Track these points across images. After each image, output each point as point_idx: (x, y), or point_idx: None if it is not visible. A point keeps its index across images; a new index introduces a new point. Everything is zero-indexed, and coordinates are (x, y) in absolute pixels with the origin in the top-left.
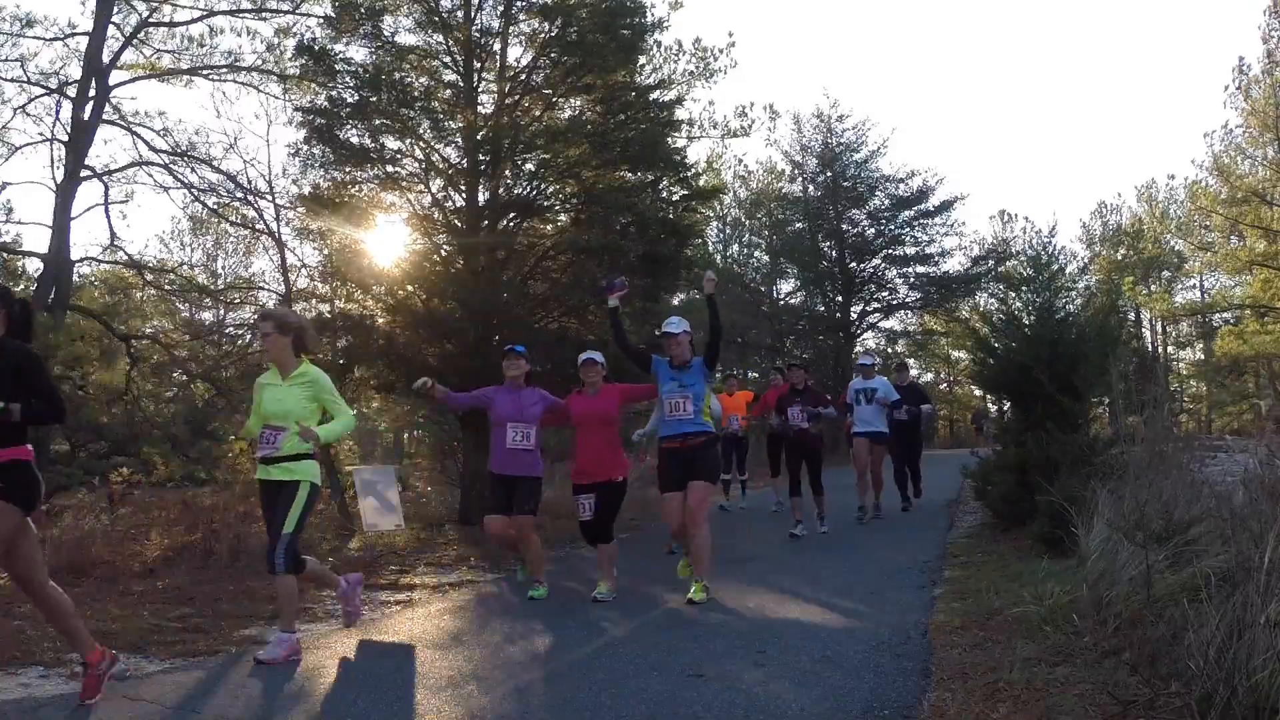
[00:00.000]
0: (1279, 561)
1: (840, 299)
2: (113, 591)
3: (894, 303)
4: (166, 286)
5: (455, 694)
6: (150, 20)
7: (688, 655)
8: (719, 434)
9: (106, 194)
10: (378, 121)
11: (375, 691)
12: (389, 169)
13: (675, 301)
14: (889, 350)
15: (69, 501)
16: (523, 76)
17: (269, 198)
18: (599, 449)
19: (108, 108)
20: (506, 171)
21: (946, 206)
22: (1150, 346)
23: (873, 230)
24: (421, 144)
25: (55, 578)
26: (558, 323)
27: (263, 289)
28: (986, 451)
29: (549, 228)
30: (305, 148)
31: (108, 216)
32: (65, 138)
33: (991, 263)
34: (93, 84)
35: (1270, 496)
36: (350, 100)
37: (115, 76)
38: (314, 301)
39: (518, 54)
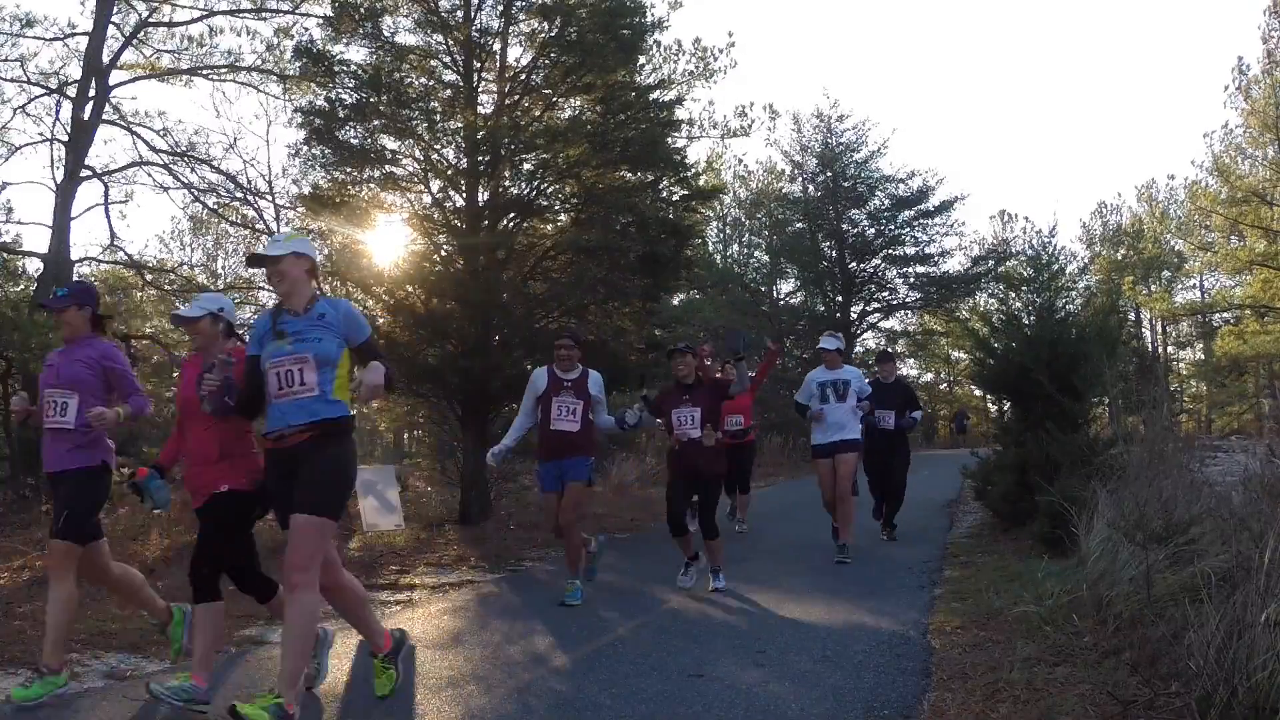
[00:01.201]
0: (1278, 562)
1: (840, 299)
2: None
3: (894, 303)
4: (166, 286)
5: (455, 694)
6: (150, 20)
7: (688, 655)
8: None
9: (106, 194)
10: (377, 122)
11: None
12: (388, 169)
13: (675, 301)
14: (888, 349)
15: None
16: (523, 76)
17: (269, 198)
18: (199, 450)
19: (108, 108)
20: (506, 171)
21: (946, 206)
22: (1150, 346)
23: (873, 230)
24: (421, 144)
25: None
26: (557, 323)
27: (263, 289)
28: (987, 451)
29: (549, 228)
30: (305, 148)
31: (108, 216)
32: (65, 138)
33: (991, 263)
34: (92, 84)
35: (1270, 496)
36: (349, 101)
37: (115, 76)
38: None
39: (517, 54)
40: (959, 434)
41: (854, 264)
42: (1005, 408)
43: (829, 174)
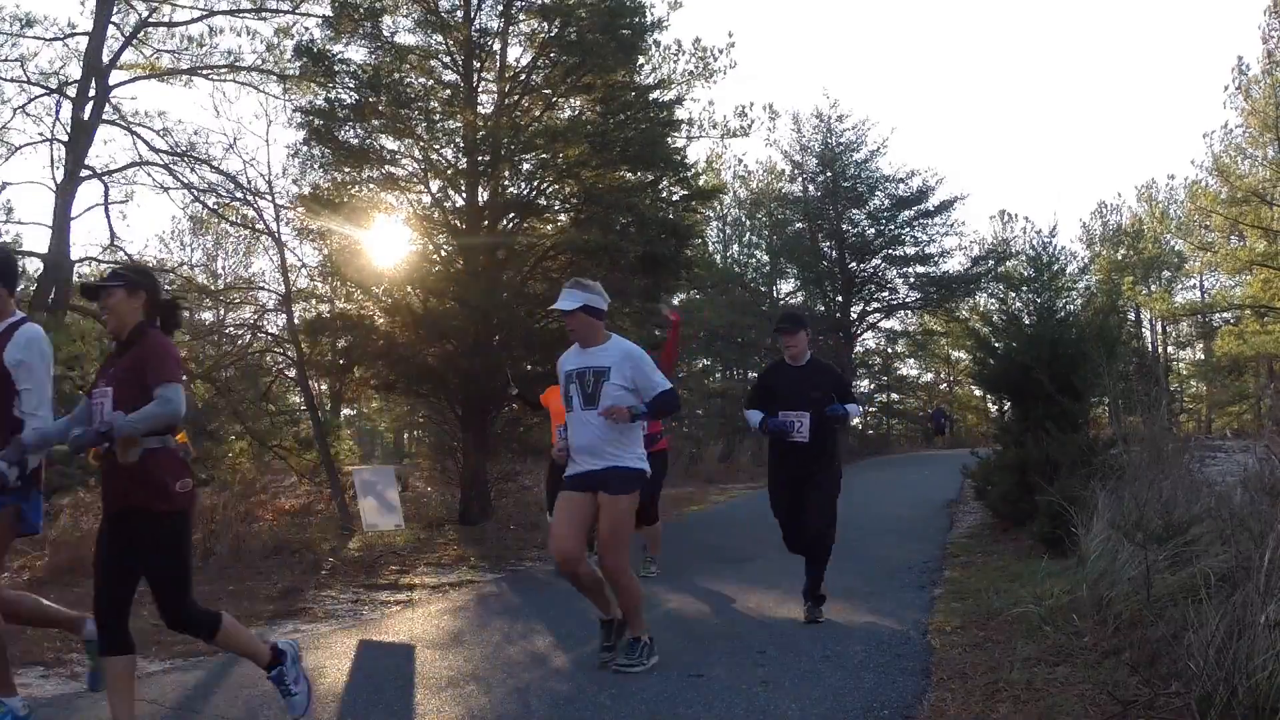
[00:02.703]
0: (1278, 562)
1: (840, 299)
2: None
3: (894, 303)
4: (166, 286)
5: (455, 694)
6: (150, 20)
7: (688, 655)
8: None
9: (106, 194)
10: (376, 122)
11: (375, 691)
12: (388, 169)
13: (675, 301)
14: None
15: (68, 501)
16: (522, 76)
17: (269, 198)
18: None
19: (108, 108)
20: (506, 172)
21: (946, 206)
22: (1150, 346)
23: (872, 230)
24: (420, 144)
25: (56, 578)
26: (557, 323)
27: (263, 289)
28: (987, 451)
29: (549, 228)
30: (305, 148)
31: (108, 216)
32: (65, 138)
33: (991, 263)
34: (92, 84)
35: (1269, 496)
36: (349, 101)
37: (115, 76)
38: (314, 302)
39: (517, 54)
40: (937, 435)
41: (854, 264)
42: (1005, 408)
43: (829, 174)
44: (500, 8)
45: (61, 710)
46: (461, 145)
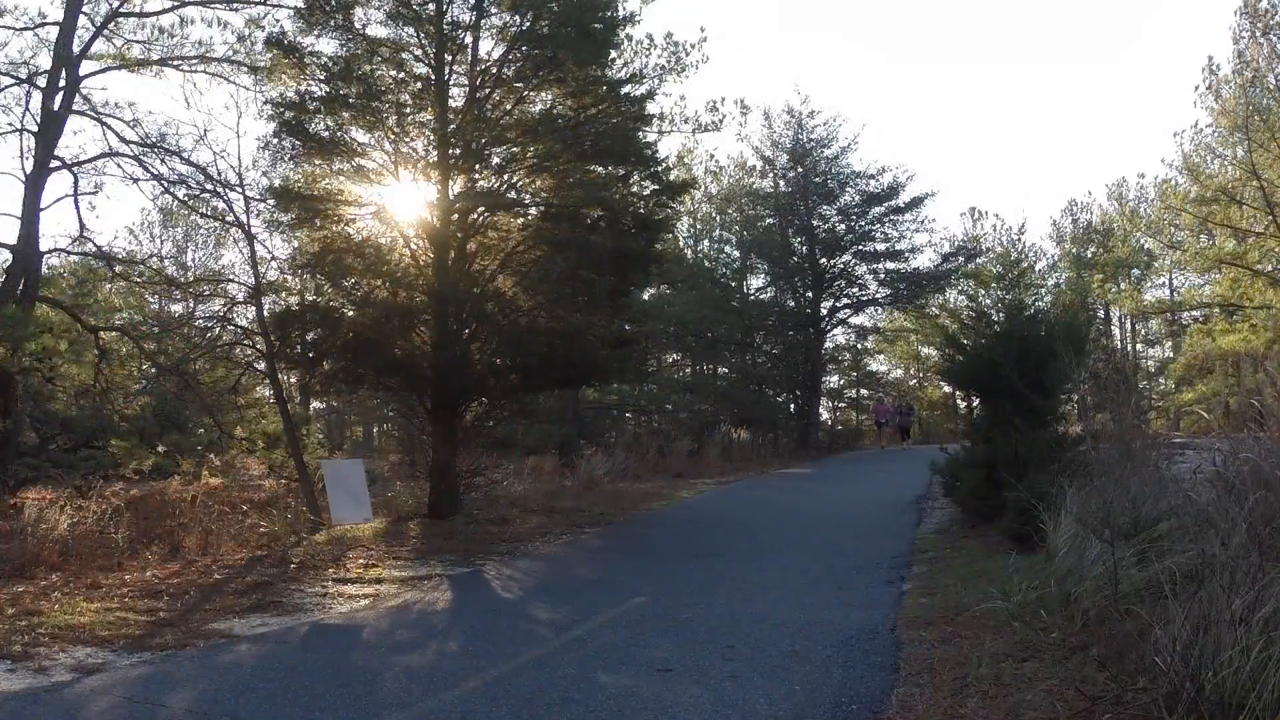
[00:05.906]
0: (1241, 559)
1: (810, 295)
2: (81, 585)
3: (864, 299)
4: (136, 279)
5: (422, 686)
6: (121, 10)
7: (656, 650)
8: None
9: (76, 185)
10: (347, 114)
11: (343, 685)
12: (359, 162)
13: (645, 296)
14: (858, 346)
15: (36, 495)
16: (494, 70)
17: (239, 190)
18: None
19: (78, 98)
20: (476, 165)
21: (916, 203)
22: (1119, 344)
23: (843, 226)
24: (391, 136)
25: (25, 571)
26: (527, 317)
27: (232, 281)
28: (955, 447)
29: (519, 221)
30: (275, 141)
31: (77, 208)
32: (35, 128)
33: (961, 259)
34: (63, 74)
35: (1231, 494)
36: (320, 93)
37: (85, 67)
38: (283, 295)
39: (489, 47)
40: (880, 431)
41: (824, 260)
42: (974, 404)
43: (800, 170)
44: (472, 1)
45: (29, 704)
46: (432, 138)
